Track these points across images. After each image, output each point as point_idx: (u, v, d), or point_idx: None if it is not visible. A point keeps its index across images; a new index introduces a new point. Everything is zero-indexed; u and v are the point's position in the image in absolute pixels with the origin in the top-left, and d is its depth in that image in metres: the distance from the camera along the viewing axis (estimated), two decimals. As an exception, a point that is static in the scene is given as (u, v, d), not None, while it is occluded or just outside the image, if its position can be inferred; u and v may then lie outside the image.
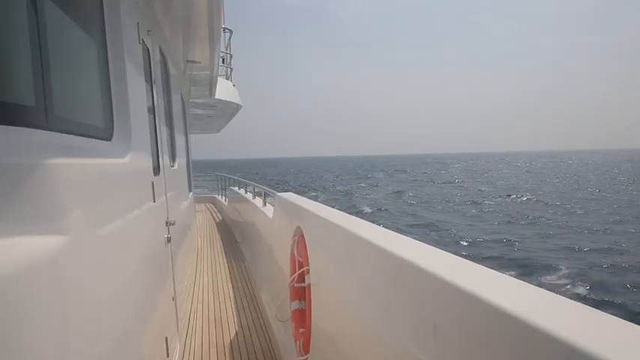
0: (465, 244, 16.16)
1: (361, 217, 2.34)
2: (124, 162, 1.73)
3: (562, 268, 12.12)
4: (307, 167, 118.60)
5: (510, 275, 1.12)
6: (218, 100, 7.55)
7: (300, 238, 2.71)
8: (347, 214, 2.37)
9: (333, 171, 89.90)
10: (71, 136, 1.24)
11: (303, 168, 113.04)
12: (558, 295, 0.94)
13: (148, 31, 2.80)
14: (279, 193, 3.97)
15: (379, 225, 2.04)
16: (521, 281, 1.05)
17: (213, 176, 14.75)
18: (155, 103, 2.81)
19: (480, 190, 37.97)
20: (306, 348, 2.51)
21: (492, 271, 1.16)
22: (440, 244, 10.74)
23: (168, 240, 2.82)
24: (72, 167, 1.14)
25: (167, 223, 2.86)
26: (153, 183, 2.38)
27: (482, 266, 1.21)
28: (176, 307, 3.13)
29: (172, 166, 3.74)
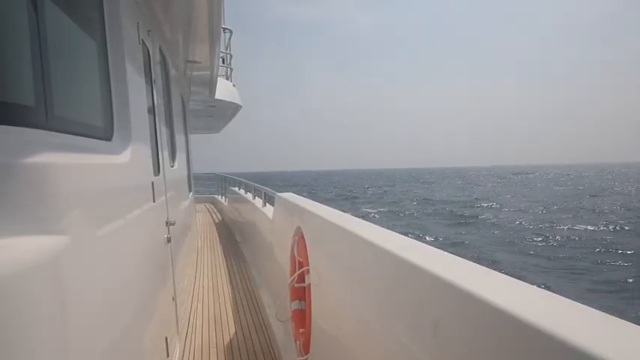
0: None
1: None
2: (124, 162, 1.73)
3: None
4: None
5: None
6: (218, 100, 7.55)
7: (300, 239, 2.71)
8: (347, 214, 2.37)
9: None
10: (71, 136, 1.24)
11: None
12: (558, 295, 0.94)
13: (148, 31, 2.80)
14: (279, 194, 3.97)
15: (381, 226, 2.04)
16: (521, 281, 1.05)
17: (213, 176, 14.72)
18: (155, 103, 2.81)
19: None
20: (306, 348, 2.51)
21: (492, 270, 1.16)
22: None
23: (168, 240, 2.82)
24: (72, 167, 1.14)
25: (167, 223, 2.86)
26: (153, 183, 2.38)
27: (481, 266, 1.21)
28: (176, 307, 3.13)
29: (172, 166, 3.74)
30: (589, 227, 21.96)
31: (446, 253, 1.38)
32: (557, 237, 19.70)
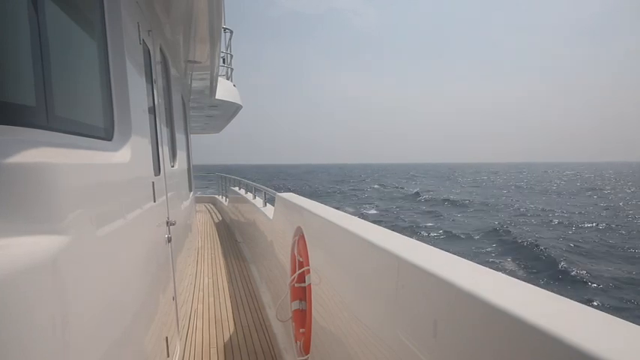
0: None
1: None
2: (124, 162, 1.73)
3: None
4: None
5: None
6: (219, 100, 7.56)
7: (300, 239, 2.71)
8: (347, 214, 2.37)
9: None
10: (72, 136, 1.24)
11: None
12: (558, 295, 0.94)
13: (149, 31, 2.80)
14: (279, 194, 3.98)
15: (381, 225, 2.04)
16: (522, 281, 1.05)
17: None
18: (156, 103, 2.81)
19: None
20: (306, 348, 2.51)
21: (492, 270, 1.16)
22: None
23: (169, 240, 2.82)
24: (72, 167, 1.14)
25: (168, 223, 2.86)
26: (153, 183, 2.38)
27: (482, 266, 1.21)
28: (176, 307, 3.14)
29: (173, 166, 3.74)
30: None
31: (446, 252, 1.38)
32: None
